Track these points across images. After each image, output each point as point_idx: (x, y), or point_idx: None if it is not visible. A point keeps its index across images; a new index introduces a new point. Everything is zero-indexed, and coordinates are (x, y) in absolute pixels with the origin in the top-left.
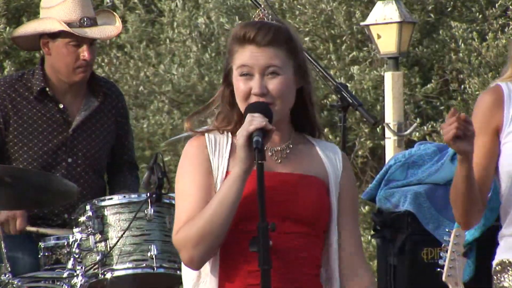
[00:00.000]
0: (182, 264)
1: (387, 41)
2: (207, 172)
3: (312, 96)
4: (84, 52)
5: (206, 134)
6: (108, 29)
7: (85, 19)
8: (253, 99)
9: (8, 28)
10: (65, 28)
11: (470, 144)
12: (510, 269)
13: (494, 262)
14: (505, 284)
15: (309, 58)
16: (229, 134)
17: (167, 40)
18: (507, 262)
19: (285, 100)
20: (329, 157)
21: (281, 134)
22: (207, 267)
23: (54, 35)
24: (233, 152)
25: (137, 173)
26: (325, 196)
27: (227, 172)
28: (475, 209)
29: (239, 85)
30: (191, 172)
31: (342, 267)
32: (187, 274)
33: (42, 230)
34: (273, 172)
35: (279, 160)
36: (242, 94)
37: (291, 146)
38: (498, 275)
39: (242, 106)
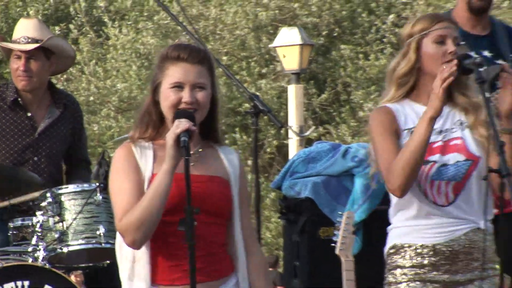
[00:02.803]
0: (118, 247)
1: (290, 59)
2: (137, 170)
3: (219, 109)
4: (20, 63)
5: (132, 143)
6: (29, 46)
7: (24, 38)
8: (182, 105)
9: None
10: None
11: None
12: (401, 250)
13: (388, 246)
14: (399, 263)
15: (228, 73)
16: (150, 142)
17: (112, 59)
18: (399, 245)
19: (206, 109)
20: (229, 159)
21: (193, 141)
22: (141, 250)
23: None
24: (156, 155)
25: (90, 167)
26: (229, 192)
27: (152, 173)
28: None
29: (170, 95)
30: (124, 172)
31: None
32: (124, 255)
33: (13, 201)
34: (192, 174)
35: (193, 163)
36: (173, 103)
37: (200, 150)
38: (392, 256)
39: (169, 113)
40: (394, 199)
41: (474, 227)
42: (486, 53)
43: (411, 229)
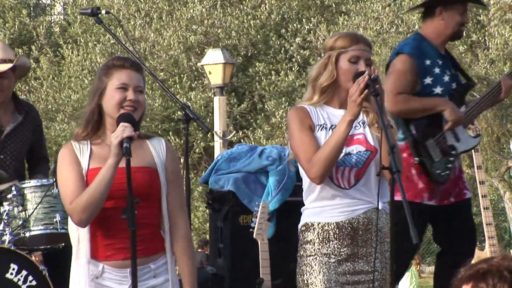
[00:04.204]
0: (70, 231)
1: (215, 76)
2: (78, 165)
3: (145, 110)
4: None
5: (73, 143)
6: (4, 66)
7: None
8: (127, 103)
9: None
10: None
11: None
12: (311, 228)
13: (300, 225)
14: (309, 239)
15: (163, 86)
16: (88, 141)
17: (67, 75)
18: (309, 223)
19: (143, 109)
20: (155, 148)
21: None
22: (83, 233)
23: None
24: (92, 153)
25: (48, 164)
26: (155, 178)
27: (88, 168)
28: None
29: (116, 94)
30: (69, 166)
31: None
32: (73, 237)
33: None
34: (121, 167)
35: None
36: (119, 101)
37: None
38: (304, 233)
39: (114, 112)
40: (305, 184)
41: (372, 207)
42: (453, 71)
43: (319, 209)
